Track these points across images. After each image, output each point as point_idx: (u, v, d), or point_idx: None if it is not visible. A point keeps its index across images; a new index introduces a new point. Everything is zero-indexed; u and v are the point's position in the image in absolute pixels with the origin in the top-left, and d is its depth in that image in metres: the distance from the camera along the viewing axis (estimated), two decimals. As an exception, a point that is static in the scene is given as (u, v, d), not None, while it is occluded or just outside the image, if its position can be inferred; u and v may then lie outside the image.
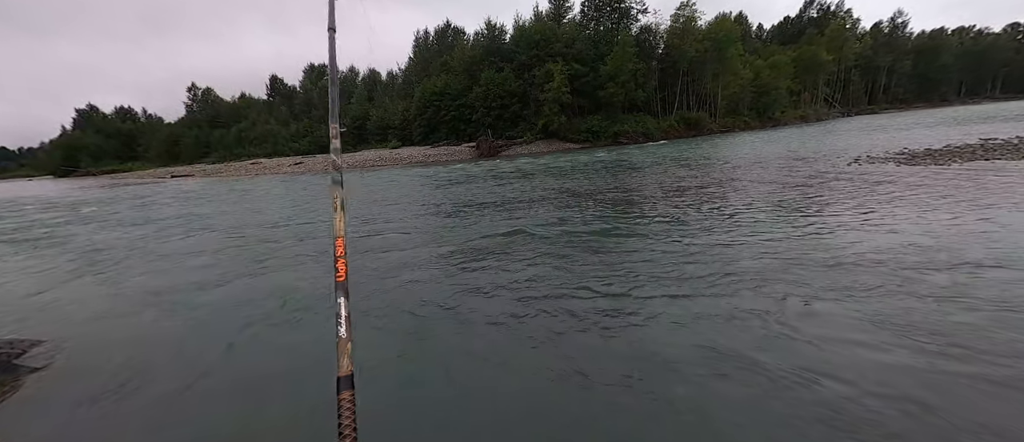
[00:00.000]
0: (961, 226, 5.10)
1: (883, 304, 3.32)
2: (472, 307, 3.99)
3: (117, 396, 2.95)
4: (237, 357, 3.42)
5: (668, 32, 41.84)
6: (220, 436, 2.52)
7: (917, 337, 2.82)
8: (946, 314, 3.08)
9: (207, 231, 9.18)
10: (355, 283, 4.88)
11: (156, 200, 17.76)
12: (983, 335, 2.78)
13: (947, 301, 3.28)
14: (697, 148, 22.94)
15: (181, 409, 2.78)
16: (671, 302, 3.72)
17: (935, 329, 2.90)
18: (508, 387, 2.76)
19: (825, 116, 51.07)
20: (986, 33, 73.35)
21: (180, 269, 6.11)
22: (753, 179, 10.45)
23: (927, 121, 28.37)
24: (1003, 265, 3.87)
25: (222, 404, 2.81)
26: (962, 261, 4.03)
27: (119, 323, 4.31)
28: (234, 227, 9.44)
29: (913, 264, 4.06)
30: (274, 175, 31.05)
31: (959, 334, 2.82)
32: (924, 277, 3.75)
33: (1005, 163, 9.20)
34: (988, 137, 14.22)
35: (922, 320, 3.03)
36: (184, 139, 60.32)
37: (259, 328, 3.88)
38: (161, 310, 4.54)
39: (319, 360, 3.16)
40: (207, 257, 6.70)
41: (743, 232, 5.72)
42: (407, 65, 57.43)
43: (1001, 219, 5.21)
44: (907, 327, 2.95)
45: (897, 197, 6.95)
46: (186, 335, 3.91)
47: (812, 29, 58.75)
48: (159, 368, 3.33)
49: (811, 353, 2.77)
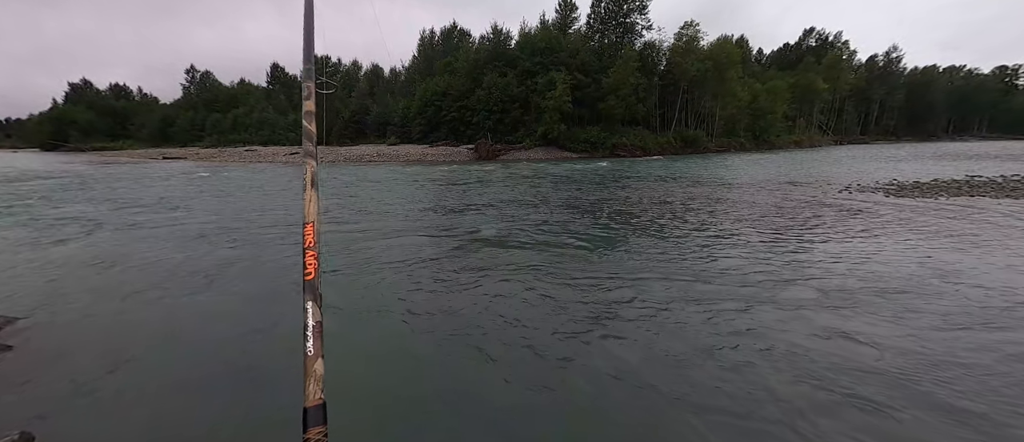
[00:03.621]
0: (928, 263, 5.23)
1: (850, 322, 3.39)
2: (445, 309, 3.97)
3: (94, 377, 2.88)
4: (223, 345, 3.36)
5: (671, 50, 42.44)
6: (192, 422, 2.47)
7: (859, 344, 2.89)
8: (875, 327, 3.17)
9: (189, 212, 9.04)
10: (334, 281, 4.83)
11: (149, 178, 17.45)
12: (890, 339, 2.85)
13: (886, 322, 3.40)
14: (694, 166, 23.22)
15: (153, 395, 2.73)
16: (653, 319, 3.74)
17: (868, 338, 2.97)
18: (486, 401, 2.75)
19: (818, 143, 52.08)
20: (975, 73, 75.61)
21: (168, 253, 6.00)
22: (749, 201, 10.60)
23: (916, 154, 29.12)
24: (953, 308, 3.97)
25: (195, 392, 2.76)
26: (919, 291, 4.23)
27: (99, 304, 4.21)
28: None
29: (880, 290, 4.17)
30: (270, 163, 30.71)
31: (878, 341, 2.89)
32: (885, 302, 3.88)
33: (989, 202, 9.47)
34: (973, 174, 14.61)
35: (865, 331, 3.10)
36: (179, 121, 59.46)
37: (232, 318, 3.82)
38: (142, 294, 4.45)
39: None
40: (190, 241, 6.60)
41: (740, 252, 5.79)
42: (411, 63, 57.46)
43: (970, 261, 5.36)
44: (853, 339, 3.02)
45: (879, 229, 7.10)
46: (162, 321, 3.84)
47: (810, 57, 60.01)
48: (135, 351, 3.26)
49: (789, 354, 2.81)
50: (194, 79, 67.02)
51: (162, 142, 56.88)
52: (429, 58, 52.13)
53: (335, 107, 53.18)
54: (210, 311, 4.01)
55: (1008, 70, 76.12)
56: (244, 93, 63.01)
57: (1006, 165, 18.36)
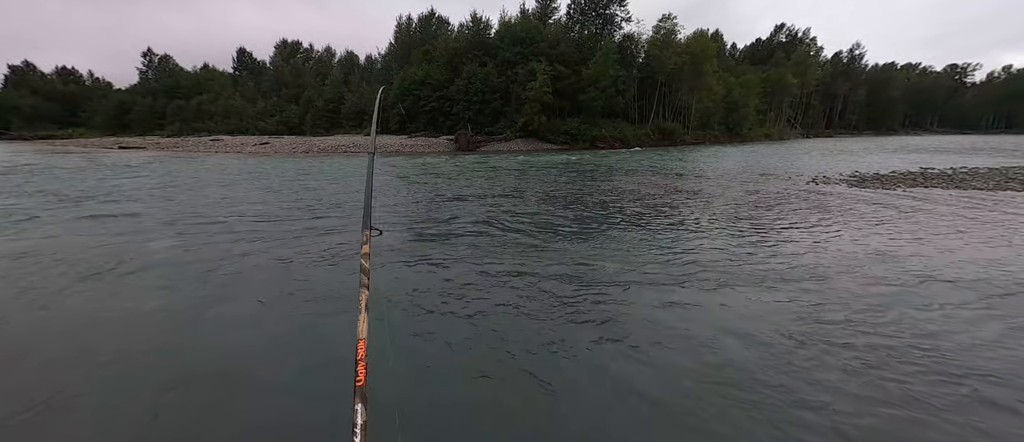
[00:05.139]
0: (887, 249, 5.53)
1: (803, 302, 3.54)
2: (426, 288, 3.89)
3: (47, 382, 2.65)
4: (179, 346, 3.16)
5: (649, 42, 42.90)
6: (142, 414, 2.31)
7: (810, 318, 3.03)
8: (827, 301, 3.33)
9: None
10: (313, 264, 4.65)
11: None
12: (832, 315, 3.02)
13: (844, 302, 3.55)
14: (672, 158, 23.69)
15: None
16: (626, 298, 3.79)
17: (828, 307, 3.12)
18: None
19: (787, 136, 54.20)
20: (929, 71, 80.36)
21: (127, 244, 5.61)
22: (722, 192, 10.90)
23: (876, 148, 30.78)
24: (902, 283, 4.22)
25: (148, 386, 2.59)
26: (872, 277, 4.50)
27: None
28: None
29: (836, 271, 4.38)
30: (237, 154, 29.28)
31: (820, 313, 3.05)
32: (844, 285, 4.06)
33: (941, 192, 10.11)
34: (927, 167, 15.57)
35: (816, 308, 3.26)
36: (136, 108, 55.73)
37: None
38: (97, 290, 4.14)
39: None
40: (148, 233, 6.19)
41: (714, 241, 5.94)
42: (387, 50, 55.74)
43: (931, 245, 5.70)
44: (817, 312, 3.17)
45: (841, 217, 7.47)
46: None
47: (780, 53, 62.10)
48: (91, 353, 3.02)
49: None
50: (152, 63, 62.85)
51: (118, 130, 53.23)
52: (407, 45, 50.69)
53: (308, 96, 51.12)
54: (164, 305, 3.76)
55: (958, 68, 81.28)
56: (208, 79, 59.57)
57: (953, 158, 19.68)
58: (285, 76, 57.35)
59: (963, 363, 2.89)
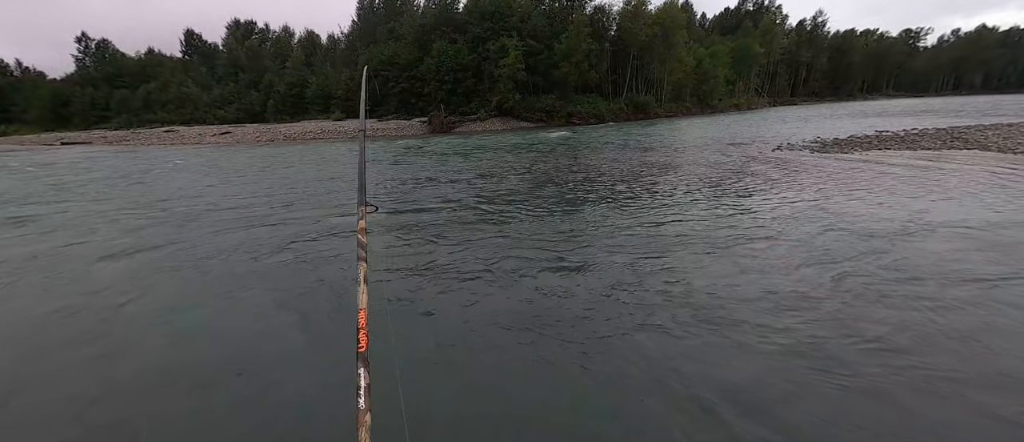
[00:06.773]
0: (822, 210, 5.94)
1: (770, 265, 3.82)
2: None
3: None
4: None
5: (620, 14, 42.56)
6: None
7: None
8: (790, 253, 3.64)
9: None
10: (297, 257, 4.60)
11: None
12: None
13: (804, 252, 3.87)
14: (647, 131, 24.05)
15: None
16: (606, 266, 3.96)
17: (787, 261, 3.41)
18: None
19: (756, 105, 55.75)
20: (886, 37, 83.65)
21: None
22: (695, 161, 11.24)
23: (837, 113, 32.20)
24: (868, 233, 4.60)
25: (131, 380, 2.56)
26: (834, 228, 4.85)
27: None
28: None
29: (803, 235, 4.71)
30: (196, 146, 27.63)
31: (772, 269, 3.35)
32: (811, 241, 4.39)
33: (894, 153, 10.81)
34: (882, 130, 16.49)
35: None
36: (76, 99, 51.18)
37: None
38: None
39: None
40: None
41: (690, 210, 6.19)
42: (350, 29, 52.96)
43: (859, 208, 6.15)
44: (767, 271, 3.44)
45: (798, 182, 7.91)
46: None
47: (748, 22, 63.04)
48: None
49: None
50: (88, 49, 57.35)
51: (57, 125, 48.94)
52: (371, 23, 48.29)
53: (268, 80, 48.27)
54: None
55: (912, 33, 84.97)
56: (155, 65, 55.12)
57: (906, 120, 20.89)
58: (241, 60, 53.75)
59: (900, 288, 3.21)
